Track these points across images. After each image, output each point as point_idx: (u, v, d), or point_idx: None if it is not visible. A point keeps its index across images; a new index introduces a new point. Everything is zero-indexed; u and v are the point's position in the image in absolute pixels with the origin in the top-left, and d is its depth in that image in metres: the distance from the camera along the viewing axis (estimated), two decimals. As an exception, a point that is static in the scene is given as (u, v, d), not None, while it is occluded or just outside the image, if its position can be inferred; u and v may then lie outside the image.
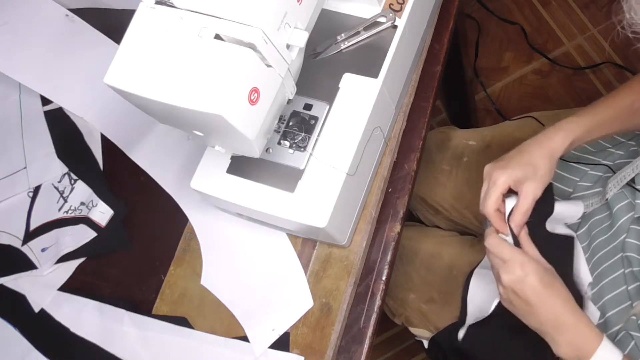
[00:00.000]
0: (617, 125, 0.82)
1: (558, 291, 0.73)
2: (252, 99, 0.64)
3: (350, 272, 0.82)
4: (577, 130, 0.80)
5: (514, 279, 0.73)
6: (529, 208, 0.77)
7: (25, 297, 0.93)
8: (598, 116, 0.81)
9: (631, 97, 0.81)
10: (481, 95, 1.75)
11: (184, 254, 0.89)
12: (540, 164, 0.77)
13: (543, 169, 0.77)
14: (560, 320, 0.72)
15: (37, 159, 0.99)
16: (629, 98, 0.82)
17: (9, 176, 0.98)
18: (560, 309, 0.72)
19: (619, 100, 0.82)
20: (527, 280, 0.72)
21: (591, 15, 1.78)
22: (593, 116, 0.81)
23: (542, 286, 0.72)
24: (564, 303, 0.73)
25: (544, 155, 0.78)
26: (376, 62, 0.80)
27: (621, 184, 0.84)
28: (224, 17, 0.63)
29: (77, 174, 0.97)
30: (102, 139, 0.99)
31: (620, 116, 0.82)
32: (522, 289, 0.73)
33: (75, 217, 0.95)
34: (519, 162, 0.78)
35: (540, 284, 0.72)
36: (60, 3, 0.99)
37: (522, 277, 0.72)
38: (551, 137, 0.79)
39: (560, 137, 0.79)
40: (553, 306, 0.72)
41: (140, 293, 0.90)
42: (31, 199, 0.98)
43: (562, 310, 0.72)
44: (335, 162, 0.77)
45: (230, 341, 0.83)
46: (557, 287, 0.74)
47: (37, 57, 0.97)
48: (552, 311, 0.72)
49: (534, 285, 0.72)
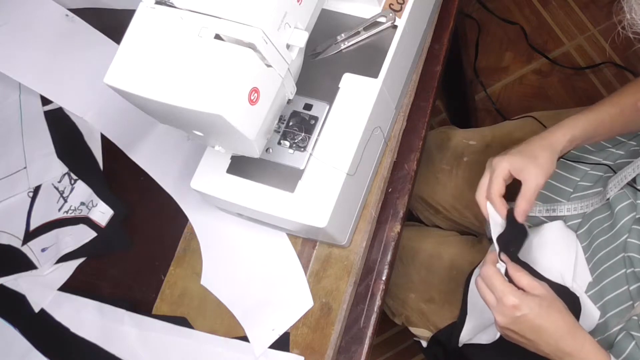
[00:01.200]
0: (619, 124, 0.83)
1: (556, 319, 0.72)
2: (252, 99, 0.64)
3: (350, 272, 0.82)
4: (578, 127, 0.80)
5: (509, 322, 0.72)
6: (532, 195, 0.77)
7: (25, 297, 0.93)
8: (601, 114, 0.81)
9: (635, 96, 0.82)
10: (481, 95, 1.75)
11: (184, 254, 0.89)
12: (540, 154, 0.78)
13: (542, 158, 0.78)
14: (562, 349, 0.72)
15: (37, 159, 0.99)
16: (633, 97, 0.82)
17: (9, 176, 0.99)
18: (561, 337, 0.72)
19: (623, 99, 0.82)
20: (522, 319, 0.71)
21: (591, 15, 1.78)
22: (596, 114, 0.81)
23: (539, 321, 0.71)
24: (564, 330, 0.72)
25: (543, 146, 0.79)
26: (376, 62, 0.80)
27: (622, 184, 0.84)
28: (224, 17, 0.63)
29: (77, 174, 0.97)
30: (102, 139, 0.99)
31: (623, 115, 0.82)
32: (520, 329, 0.72)
33: (75, 217, 0.95)
34: (519, 151, 0.79)
35: (537, 319, 0.71)
36: (60, 3, 0.99)
37: (516, 317, 0.71)
38: (552, 132, 0.80)
39: (561, 132, 0.80)
40: (553, 336, 0.72)
41: (140, 293, 0.90)
42: (31, 199, 0.98)
43: (563, 338, 0.72)
44: (335, 162, 0.77)
45: (230, 341, 0.83)
46: (555, 316, 0.72)
47: (37, 57, 0.97)
48: (553, 341, 0.72)
49: (530, 322, 0.71)
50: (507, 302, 0.71)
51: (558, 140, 0.79)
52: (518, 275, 0.74)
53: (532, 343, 0.73)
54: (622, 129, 0.84)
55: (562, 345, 0.72)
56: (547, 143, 0.79)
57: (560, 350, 0.72)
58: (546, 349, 0.73)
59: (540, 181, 0.77)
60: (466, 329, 0.93)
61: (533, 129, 1.04)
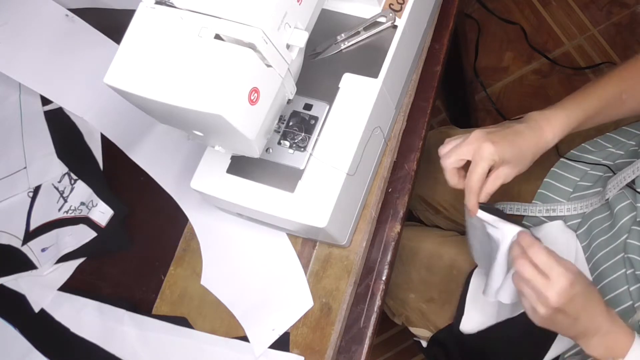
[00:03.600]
0: (605, 116, 0.82)
1: (597, 295, 0.71)
2: (252, 99, 0.64)
3: (350, 272, 0.82)
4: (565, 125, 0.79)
5: (564, 300, 0.68)
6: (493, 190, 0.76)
7: (25, 297, 0.93)
8: (587, 111, 0.80)
9: (620, 87, 0.81)
10: (481, 95, 1.75)
11: (184, 254, 0.89)
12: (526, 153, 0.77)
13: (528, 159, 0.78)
14: (598, 326, 0.71)
15: (37, 159, 0.99)
16: (618, 88, 0.81)
17: (9, 176, 0.99)
18: (599, 314, 0.71)
19: (609, 89, 0.81)
20: (575, 297, 0.69)
21: (591, 15, 1.78)
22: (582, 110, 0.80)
23: (587, 297, 0.69)
24: (602, 307, 0.71)
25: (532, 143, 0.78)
26: (376, 62, 0.80)
27: (621, 185, 0.84)
28: (224, 17, 0.63)
29: (77, 174, 0.97)
30: (102, 139, 0.99)
31: (608, 107, 0.81)
32: (572, 307, 0.69)
33: (75, 217, 0.95)
34: (511, 145, 0.76)
35: (585, 296, 0.69)
36: (60, 3, 0.99)
37: (572, 296, 0.68)
38: (543, 129, 0.78)
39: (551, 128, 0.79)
40: (594, 314, 0.71)
41: (140, 293, 0.90)
42: (31, 199, 0.98)
43: (599, 316, 0.71)
44: (335, 162, 0.77)
45: (230, 341, 0.83)
46: (595, 291, 0.71)
47: (37, 57, 0.97)
48: (592, 319, 0.70)
49: (582, 300, 0.69)
50: (564, 280, 0.68)
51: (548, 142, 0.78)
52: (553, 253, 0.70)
53: (575, 321, 0.70)
54: (606, 119, 0.83)
55: (599, 321, 0.70)
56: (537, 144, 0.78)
57: (596, 324, 0.70)
58: (585, 325, 0.70)
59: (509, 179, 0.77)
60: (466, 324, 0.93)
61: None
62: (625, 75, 0.81)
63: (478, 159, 0.75)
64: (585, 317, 0.70)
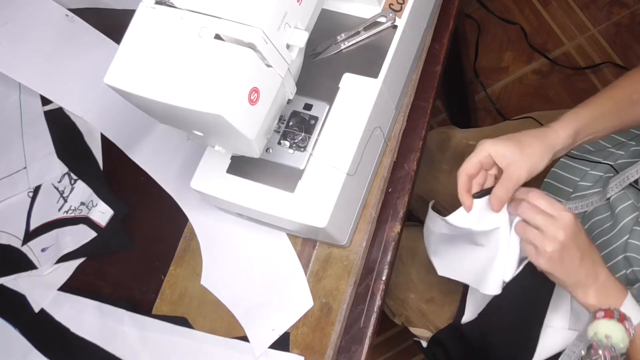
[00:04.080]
0: (616, 119, 0.81)
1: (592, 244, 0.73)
2: (252, 99, 0.64)
3: (350, 272, 0.82)
4: (574, 122, 0.78)
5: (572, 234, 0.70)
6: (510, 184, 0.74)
7: (25, 297, 0.93)
8: (597, 108, 0.79)
9: (630, 89, 0.80)
10: (481, 95, 1.75)
11: (184, 254, 0.89)
12: (528, 143, 0.75)
13: (530, 148, 0.75)
14: (597, 272, 0.72)
15: (37, 159, 0.99)
16: (628, 90, 0.81)
17: (9, 176, 0.99)
18: (598, 261, 0.72)
19: (618, 92, 0.81)
20: (579, 233, 0.71)
21: (591, 15, 1.78)
22: (592, 109, 0.79)
23: (588, 239, 0.72)
24: (599, 255, 0.73)
25: (535, 136, 0.76)
26: (376, 62, 0.80)
27: (624, 184, 0.83)
28: (224, 17, 0.63)
29: (77, 174, 0.97)
30: (102, 139, 0.99)
31: (618, 109, 0.80)
32: (576, 243, 0.71)
33: (75, 217, 0.95)
34: (509, 137, 0.76)
35: (587, 237, 0.72)
36: (60, 3, 0.99)
37: (577, 230, 0.71)
38: (549, 127, 0.78)
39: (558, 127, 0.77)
40: (594, 258, 0.72)
41: (140, 293, 0.90)
42: (31, 199, 0.98)
43: (598, 263, 0.72)
44: (335, 162, 0.77)
45: (230, 341, 0.83)
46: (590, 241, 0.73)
47: (37, 57, 0.97)
48: (593, 262, 0.72)
49: (585, 238, 0.72)
50: (569, 214, 0.70)
51: (557, 133, 0.77)
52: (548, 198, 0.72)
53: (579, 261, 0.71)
54: (619, 123, 0.82)
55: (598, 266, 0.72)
56: (543, 134, 0.76)
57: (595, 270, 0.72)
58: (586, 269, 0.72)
59: (523, 173, 0.74)
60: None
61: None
62: (636, 76, 0.81)
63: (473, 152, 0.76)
64: (588, 258, 0.71)
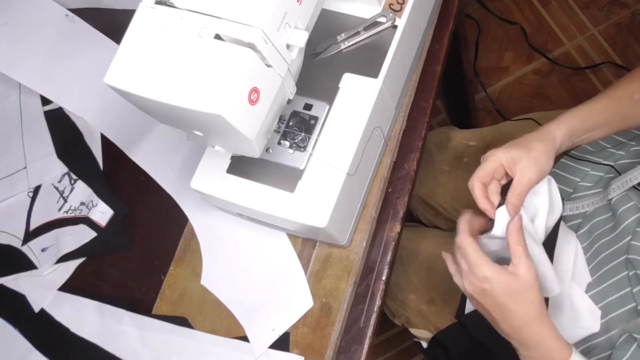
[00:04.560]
0: (618, 117, 0.81)
1: (523, 305, 0.71)
2: (252, 99, 0.64)
3: (350, 272, 0.82)
4: (575, 119, 0.78)
5: (476, 291, 0.72)
6: (522, 189, 0.74)
7: (25, 297, 0.93)
8: (597, 106, 0.79)
9: (631, 88, 0.80)
10: (481, 95, 1.75)
11: (184, 254, 0.89)
12: (534, 146, 0.76)
13: (536, 151, 0.75)
14: (521, 336, 0.72)
15: (37, 159, 0.99)
16: (629, 89, 0.80)
17: (9, 176, 0.99)
18: (524, 324, 0.71)
19: (618, 91, 0.81)
20: (488, 293, 0.71)
21: (591, 15, 1.78)
22: (592, 106, 0.79)
23: (504, 300, 0.70)
24: (527, 319, 0.71)
25: (539, 138, 0.77)
26: (376, 62, 0.80)
27: (627, 186, 0.83)
28: (224, 17, 0.63)
29: (77, 174, 0.97)
30: (102, 139, 0.99)
31: (620, 107, 0.80)
32: (484, 302, 0.72)
33: (75, 217, 0.95)
34: (514, 143, 0.77)
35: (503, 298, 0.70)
36: (60, 3, 0.99)
37: (484, 289, 0.71)
38: (549, 125, 0.78)
39: (557, 124, 0.78)
40: (515, 321, 0.71)
41: (140, 293, 0.90)
42: (31, 199, 0.98)
43: (524, 326, 0.71)
44: (335, 162, 0.77)
45: (230, 341, 0.83)
46: (523, 302, 0.71)
47: (37, 57, 0.96)
48: (514, 326, 0.71)
49: (496, 299, 0.71)
50: (479, 272, 0.71)
51: (554, 132, 0.77)
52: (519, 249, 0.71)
53: (493, 320, 0.73)
54: (621, 122, 0.81)
55: (521, 333, 0.71)
56: (543, 135, 0.77)
57: (519, 337, 0.72)
58: (506, 330, 0.72)
59: (533, 175, 0.74)
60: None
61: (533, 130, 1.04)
62: (638, 76, 0.81)
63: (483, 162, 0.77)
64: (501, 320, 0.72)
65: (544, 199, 0.79)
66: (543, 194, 0.79)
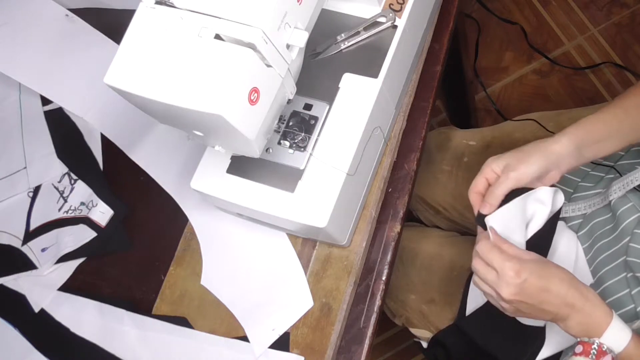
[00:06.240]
0: (627, 126, 0.79)
1: (557, 273, 0.72)
2: (252, 99, 0.64)
3: (350, 272, 0.82)
4: (581, 128, 0.78)
5: (515, 291, 0.71)
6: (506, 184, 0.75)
7: (25, 297, 0.93)
8: (605, 115, 0.79)
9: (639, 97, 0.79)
10: (481, 95, 1.75)
11: (184, 254, 0.89)
12: (527, 150, 0.76)
13: (527, 154, 0.76)
14: (569, 302, 0.71)
15: (37, 159, 0.99)
16: (637, 97, 0.79)
17: (9, 176, 0.99)
18: (567, 290, 0.71)
19: (626, 100, 0.80)
20: (527, 284, 0.71)
21: (591, 15, 1.78)
22: (599, 115, 0.79)
23: (542, 281, 0.71)
24: (567, 282, 0.71)
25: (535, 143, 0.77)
26: (376, 62, 0.80)
27: (627, 188, 0.83)
28: (224, 17, 0.63)
29: (77, 174, 0.97)
30: (102, 139, 0.99)
31: (628, 115, 0.79)
32: (527, 294, 0.71)
33: (75, 217, 0.95)
34: (512, 151, 0.78)
35: (541, 280, 0.71)
36: (60, 3, 0.99)
37: (521, 283, 0.70)
38: (555, 137, 0.78)
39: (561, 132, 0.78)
40: (559, 291, 0.71)
41: (140, 293, 0.90)
42: (31, 199, 0.98)
43: (569, 291, 0.71)
44: (335, 162, 0.77)
45: (230, 341, 0.83)
46: (554, 271, 0.72)
47: (37, 57, 0.97)
48: (560, 297, 0.71)
49: (535, 284, 0.71)
50: (509, 270, 0.70)
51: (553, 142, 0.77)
52: (505, 246, 0.73)
53: (540, 306, 0.72)
54: (631, 131, 0.80)
55: (568, 299, 0.71)
56: (543, 145, 0.77)
57: (567, 304, 0.71)
58: (553, 307, 0.72)
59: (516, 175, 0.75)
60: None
61: (533, 130, 1.04)
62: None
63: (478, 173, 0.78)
64: (549, 299, 0.71)
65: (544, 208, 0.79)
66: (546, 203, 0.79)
